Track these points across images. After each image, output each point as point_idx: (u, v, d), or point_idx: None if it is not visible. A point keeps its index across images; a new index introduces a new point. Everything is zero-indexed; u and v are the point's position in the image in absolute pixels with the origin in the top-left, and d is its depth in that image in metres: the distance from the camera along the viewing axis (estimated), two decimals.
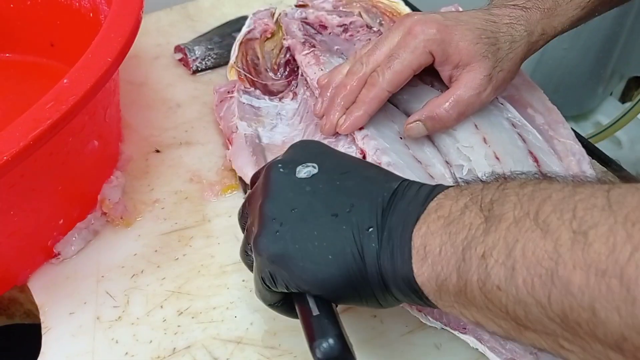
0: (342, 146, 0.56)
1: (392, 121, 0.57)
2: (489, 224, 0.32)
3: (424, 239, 0.35)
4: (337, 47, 0.68)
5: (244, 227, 0.44)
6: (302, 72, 0.65)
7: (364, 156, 0.54)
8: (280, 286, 0.39)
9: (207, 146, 0.65)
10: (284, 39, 0.70)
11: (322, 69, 0.62)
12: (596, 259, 0.27)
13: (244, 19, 0.75)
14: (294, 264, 0.38)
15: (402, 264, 0.36)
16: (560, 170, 0.55)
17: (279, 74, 0.70)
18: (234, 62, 0.70)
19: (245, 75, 0.69)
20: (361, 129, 0.55)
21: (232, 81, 0.67)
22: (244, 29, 0.72)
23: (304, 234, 0.38)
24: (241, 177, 0.59)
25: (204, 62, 0.74)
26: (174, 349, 0.49)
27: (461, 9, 0.67)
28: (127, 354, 0.49)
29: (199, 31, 0.79)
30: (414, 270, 0.35)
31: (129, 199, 0.60)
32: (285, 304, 0.42)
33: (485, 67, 0.53)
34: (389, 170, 0.45)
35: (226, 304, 0.52)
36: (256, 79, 0.69)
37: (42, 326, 0.51)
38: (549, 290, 0.29)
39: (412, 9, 0.78)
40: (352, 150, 0.55)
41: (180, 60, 0.75)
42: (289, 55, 0.69)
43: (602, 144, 1.23)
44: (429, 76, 0.58)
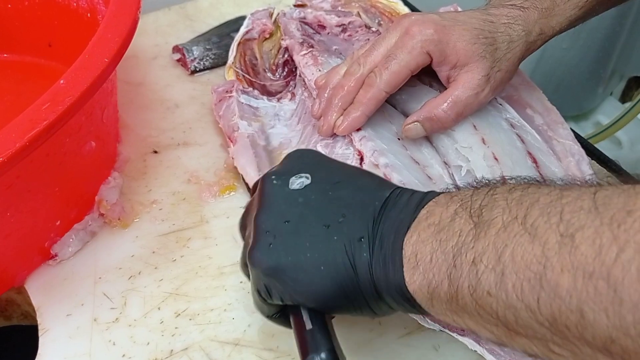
0: (340, 147, 0.56)
1: (390, 122, 0.57)
2: (479, 230, 0.32)
3: (415, 247, 0.35)
4: (335, 47, 0.68)
5: (244, 237, 0.44)
6: (300, 73, 0.65)
7: (362, 157, 0.54)
8: (275, 298, 0.39)
9: (205, 147, 0.65)
10: (282, 39, 0.69)
11: (319, 70, 0.62)
12: (583, 261, 0.27)
13: (243, 19, 0.74)
14: (287, 277, 0.38)
15: (394, 273, 0.35)
16: (559, 170, 0.55)
17: (277, 74, 0.69)
18: (232, 63, 0.69)
19: (243, 75, 0.68)
20: (359, 130, 0.55)
21: (230, 81, 0.67)
22: (242, 29, 0.72)
23: (297, 246, 0.38)
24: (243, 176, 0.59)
25: (202, 63, 0.74)
26: (172, 350, 0.49)
27: (460, 9, 0.66)
28: (124, 355, 0.49)
29: (198, 31, 0.79)
30: (405, 278, 0.35)
31: (127, 200, 0.59)
32: (282, 315, 0.42)
33: (483, 67, 0.53)
34: (387, 171, 0.45)
35: (224, 306, 0.52)
36: (254, 80, 0.68)
37: (39, 328, 0.51)
38: (537, 294, 0.29)
39: (411, 9, 0.78)
40: (350, 151, 0.55)
41: (178, 60, 0.75)
42: (287, 55, 0.69)
43: (602, 144, 1.23)
44: (427, 76, 0.58)
